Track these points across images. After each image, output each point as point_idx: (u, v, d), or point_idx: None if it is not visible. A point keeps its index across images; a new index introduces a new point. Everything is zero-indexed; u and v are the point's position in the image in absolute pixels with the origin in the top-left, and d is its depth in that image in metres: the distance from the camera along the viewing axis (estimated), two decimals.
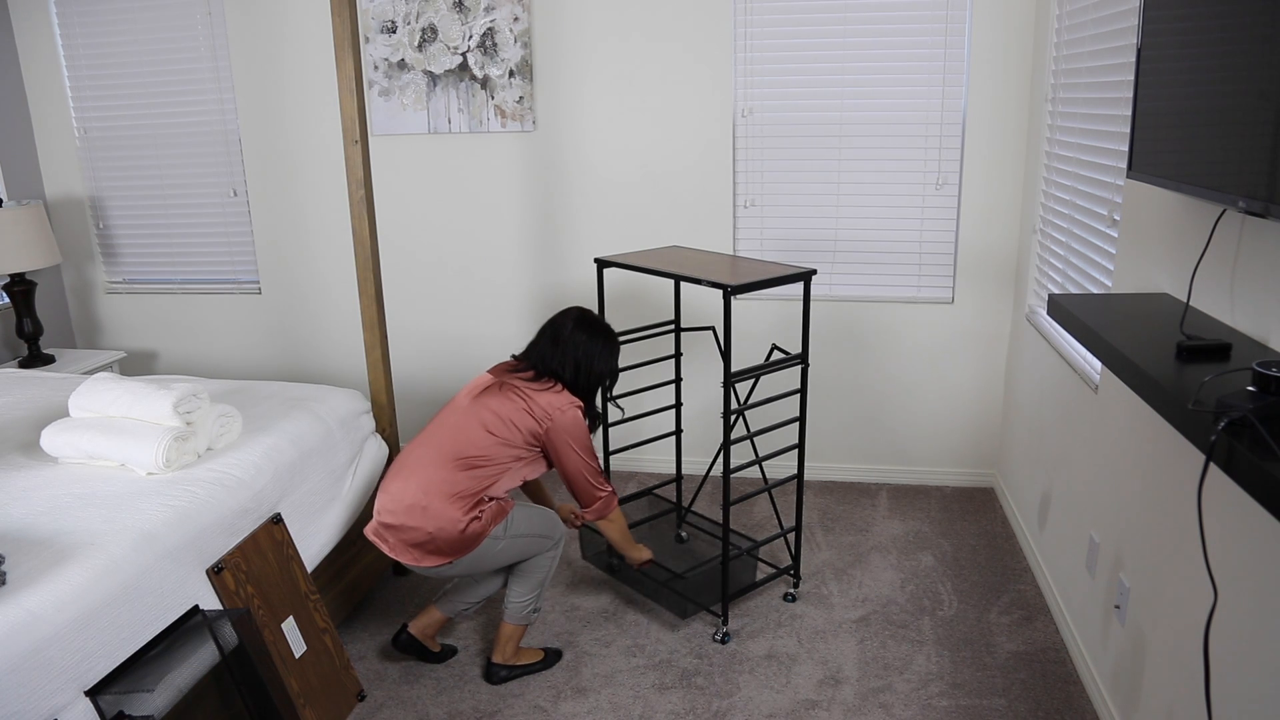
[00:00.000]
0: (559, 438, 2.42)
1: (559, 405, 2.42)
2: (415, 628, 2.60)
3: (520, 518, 2.44)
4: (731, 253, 3.65)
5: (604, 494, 2.51)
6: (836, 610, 2.87)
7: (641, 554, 2.70)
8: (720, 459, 3.70)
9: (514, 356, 2.59)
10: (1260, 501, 1.14)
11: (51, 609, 1.70)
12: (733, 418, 2.61)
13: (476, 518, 2.35)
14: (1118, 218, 2.35)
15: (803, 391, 2.76)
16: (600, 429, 3.15)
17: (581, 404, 2.48)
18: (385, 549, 2.41)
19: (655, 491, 3.42)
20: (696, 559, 3.10)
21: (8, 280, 3.79)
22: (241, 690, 2.19)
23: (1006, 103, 3.36)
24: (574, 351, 2.48)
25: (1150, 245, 2.11)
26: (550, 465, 2.52)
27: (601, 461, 3.08)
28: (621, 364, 3.74)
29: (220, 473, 2.28)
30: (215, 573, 2.11)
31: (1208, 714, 1.54)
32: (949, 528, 3.41)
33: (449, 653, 2.68)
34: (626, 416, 3.18)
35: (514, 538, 2.42)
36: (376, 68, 3.73)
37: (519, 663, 2.57)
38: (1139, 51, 1.85)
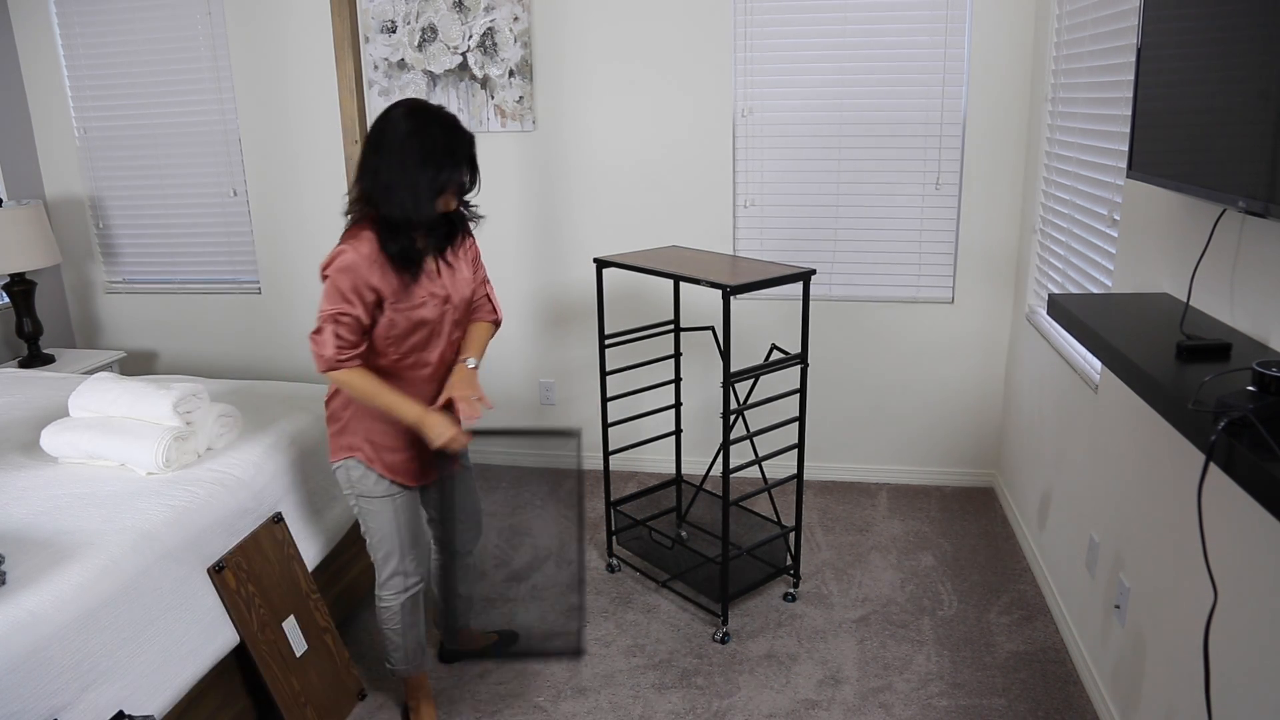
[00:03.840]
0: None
1: (331, 253, 1.96)
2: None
3: (376, 512, 2.16)
4: (731, 253, 3.65)
5: (315, 350, 1.97)
6: (836, 610, 2.87)
7: (428, 424, 2.04)
8: (720, 459, 3.69)
9: None
10: (1260, 501, 1.14)
11: (51, 609, 1.70)
12: (732, 418, 2.61)
13: (350, 431, 2.13)
14: (1118, 218, 2.35)
15: (802, 391, 2.76)
16: (603, 424, 3.10)
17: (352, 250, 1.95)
18: None
19: (655, 491, 3.42)
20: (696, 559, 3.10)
21: (8, 280, 3.79)
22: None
23: (1006, 103, 3.36)
24: (366, 164, 1.95)
25: (1150, 245, 2.11)
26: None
27: (602, 461, 3.06)
28: (622, 364, 3.75)
29: (220, 472, 2.28)
30: (216, 572, 2.11)
31: (1208, 714, 1.54)
32: (949, 528, 3.41)
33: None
34: (626, 416, 3.18)
35: (359, 510, 2.20)
36: (376, 68, 3.73)
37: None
38: (1139, 51, 1.85)
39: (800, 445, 2.82)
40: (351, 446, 2.14)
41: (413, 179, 1.92)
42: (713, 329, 3.02)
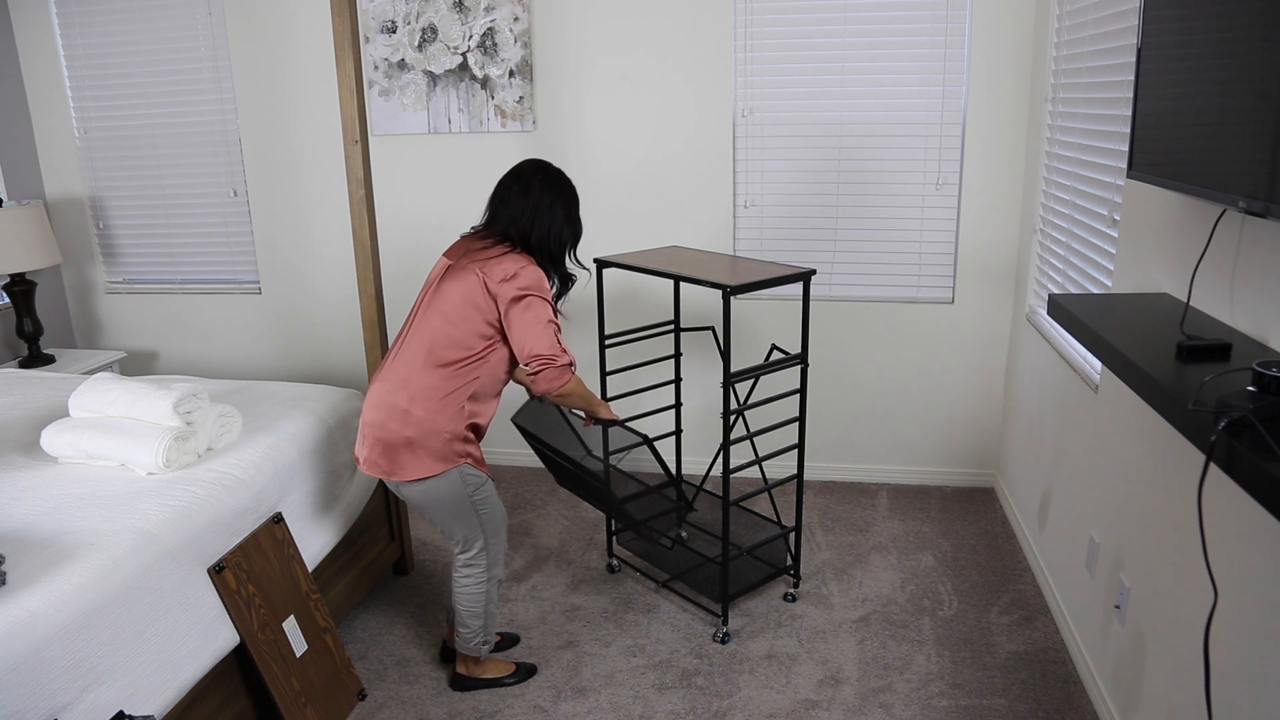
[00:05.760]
0: (511, 298, 2.23)
1: (513, 268, 2.24)
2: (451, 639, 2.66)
3: (490, 497, 2.38)
4: (731, 253, 3.65)
5: (564, 361, 2.25)
6: (836, 610, 2.87)
7: (609, 411, 2.49)
8: (720, 459, 3.69)
9: (473, 228, 2.41)
10: (1260, 501, 1.14)
11: (51, 609, 1.70)
12: (732, 418, 2.61)
13: (467, 439, 2.29)
14: (1118, 218, 2.35)
15: (802, 391, 2.76)
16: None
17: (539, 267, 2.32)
18: (362, 464, 2.33)
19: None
20: (696, 558, 3.10)
21: (8, 280, 3.79)
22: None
23: (1006, 103, 3.36)
24: (540, 212, 2.32)
25: (1150, 245, 2.11)
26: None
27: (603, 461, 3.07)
28: (622, 364, 3.75)
29: (220, 473, 2.28)
30: (216, 572, 2.11)
31: (1208, 714, 1.54)
32: (949, 528, 3.41)
33: (510, 640, 2.73)
34: (625, 419, 3.17)
35: (476, 503, 2.35)
36: (376, 68, 3.73)
37: (483, 675, 2.53)
38: (1139, 51, 1.85)
39: (800, 445, 2.82)
40: (463, 453, 2.30)
41: (560, 231, 2.36)
42: (713, 329, 3.02)
